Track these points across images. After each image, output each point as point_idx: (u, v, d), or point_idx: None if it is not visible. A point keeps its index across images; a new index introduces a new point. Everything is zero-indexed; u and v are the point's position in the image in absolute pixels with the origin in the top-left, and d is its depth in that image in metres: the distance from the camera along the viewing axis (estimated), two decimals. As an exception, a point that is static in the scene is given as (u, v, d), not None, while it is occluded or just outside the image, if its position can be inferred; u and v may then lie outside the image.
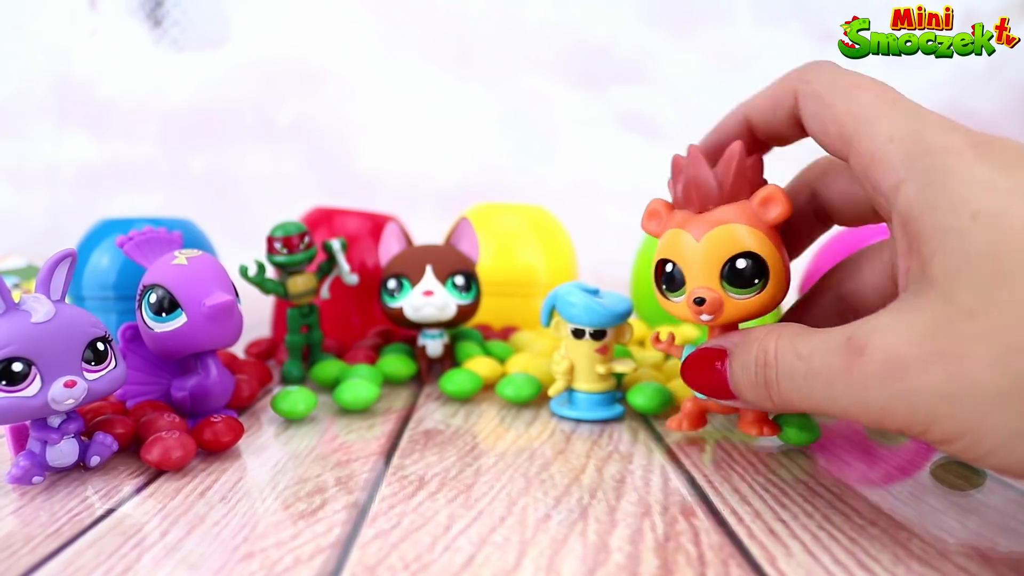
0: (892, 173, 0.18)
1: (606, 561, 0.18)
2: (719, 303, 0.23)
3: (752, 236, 0.23)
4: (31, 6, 1.03)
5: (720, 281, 0.23)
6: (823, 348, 0.19)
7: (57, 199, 1.04)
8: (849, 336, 0.18)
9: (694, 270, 0.24)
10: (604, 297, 0.31)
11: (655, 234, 0.26)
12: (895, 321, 0.18)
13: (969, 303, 0.16)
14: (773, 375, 0.21)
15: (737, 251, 0.23)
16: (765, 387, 0.21)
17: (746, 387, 0.22)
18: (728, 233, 0.23)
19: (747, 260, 0.23)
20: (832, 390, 0.19)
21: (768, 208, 0.23)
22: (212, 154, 1.06)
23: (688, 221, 0.24)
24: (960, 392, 0.16)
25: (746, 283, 0.23)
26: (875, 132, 0.19)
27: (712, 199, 0.24)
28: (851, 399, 0.18)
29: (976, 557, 0.19)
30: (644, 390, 0.32)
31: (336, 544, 0.19)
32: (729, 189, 0.23)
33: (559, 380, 0.32)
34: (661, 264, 0.25)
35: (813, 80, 0.22)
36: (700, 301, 0.23)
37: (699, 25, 1.03)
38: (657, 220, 0.26)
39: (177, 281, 0.27)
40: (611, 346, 0.31)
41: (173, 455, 0.24)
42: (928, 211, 0.17)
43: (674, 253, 0.24)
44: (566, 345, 0.32)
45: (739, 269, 0.23)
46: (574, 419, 0.32)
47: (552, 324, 0.32)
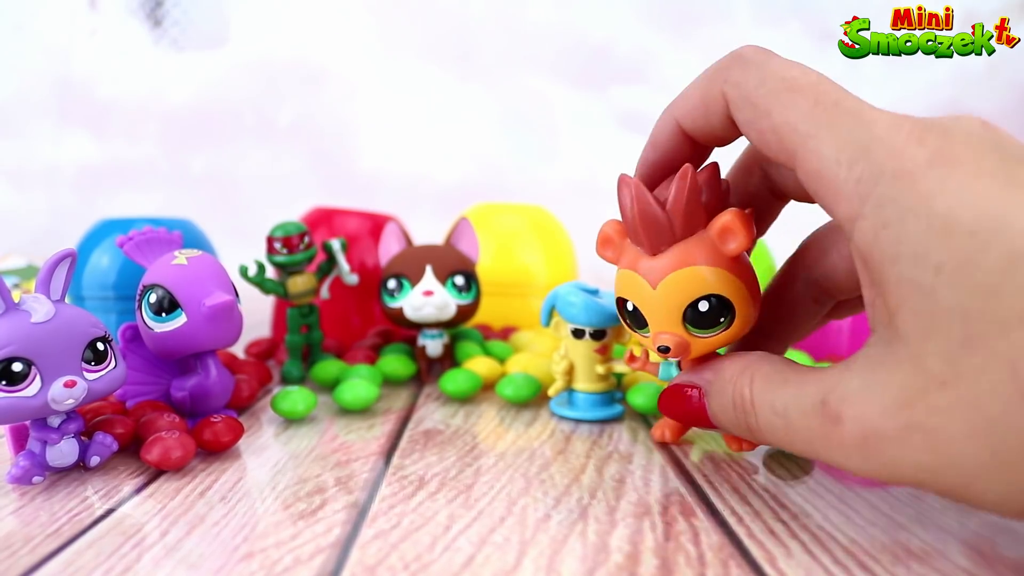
0: (846, 204, 0.17)
1: (606, 561, 0.18)
2: (684, 346, 0.22)
3: (713, 275, 0.21)
4: (31, 6, 1.03)
5: (683, 324, 0.22)
6: (798, 408, 0.19)
7: (57, 199, 1.04)
8: (823, 400, 0.18)
9: (654, 316, 0.22)
10: (604, 297, 0.31)
11: (611, 262, 0.24)
12: (868, 385, 0.17)
13: (940, 371, 0.15)
14: (753, 421, 0.21)
15: (697, 295, 0.21)
16: (747, 430, 0.21)
17: (727, 423, 0.22)
18: (686, 277, 0.21)
19: (709, 302, 0.21)
20: (813, 448, 0.19)
21: (726, 241, 0.21)
22: (212, 154, 1.06)
23: (640, 263, 0.22)
24: (941, 466, 0.16)
25: (711, 323, 0.22)
26: (820, 150, 0.17)
27: (664, 239, 0.22)
28: (834, 461, 0.18)
29: (976, 557, 0.19)
30: (644, 390, 0.32)
31: (336, 544, 0.19)
32: (681, 227, 0.21)
33: (559, 380, 0.32)
34: (622, 302, 0.24)
35: (741, 82, 0.19)
36: (665, 349, 0.22)
37: (699, 25, 1.03)
38: (612, 248, 0.24)
39: (177, 281, 0.27)
40: (611, 346, 0.31)
41: (173, 455, 0.24)
42: (889, 261, 0.16)
43: (632, 295, 0.23)
44: (566, 345, 0.32)
45: (701, 312, 0.22)
46: (574, 419, 0.32)
47: (552, 324, 0.32)
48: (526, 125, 1.07)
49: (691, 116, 0.22)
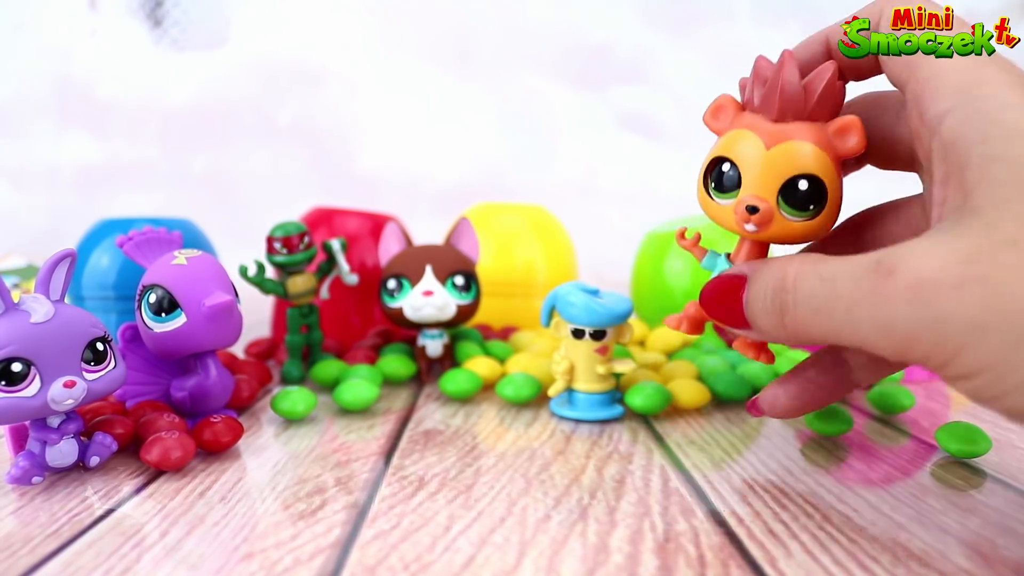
0: (942, 99, 0.18)
1: (606, 562, 0.18)
2: (770, 216, 0.22)
3: (820, 161, 0.22)
4: (31, 6, 1.03)
5: (776, 195, 0.22)
6: (849, 270, 0.18)
7: (57, 199, 1.04)
8: (879, 259, 0.18)
9: (753, 176, 0.22)
10: (604, 297, 0.31)
11: (716, 131, 0.24)
12: (931, 245, 0.17)
13: (1014, 233, 0.16)
14: (790, 299, 0.20)
15: (803, 171, 0.22)
16: (780, 312, 0.20)
17: (760, 313, 0.21)
18: (799, 150, 0.22)
19: (809, 182, 0.22)
20: (854, 313, 0.18)
21: (845, 138, 0.22)
22: (212, 154, 1.06)
23: (760, 125, 0.23)
24: (992, 322, 0.15)
25: (802, 205, 0.22)
26: (937, 60, 0.19)
27: (794, 110, 0.22)
28: (874, 323, 0.17)
29: (976, 557, 0.19)
30: (642, 390, 0.32)
31: (336, 544, 0.19)
32: (815, 104, 0.22)
33: (559, 380, 0.32)
34: (717, 162, 0.24)
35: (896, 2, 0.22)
36: (753, 209, 0.22)
37: (699, 25, 1.03)
38: (722, 116, 0.24)
39: (177, 281, 0.27)
40: (611, 346, 0.31)
41: (172, 455, 0.24)
42: (977, 140, 0.17)
43: (736, 154, 0.23)
44: (566, 345, 0.32)
45: (800, 189, 0.22)
46: (574, 419, 0.32)
47: (552, 324, 0.32)
48: (526, 125, 1.07)
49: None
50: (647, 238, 0.53)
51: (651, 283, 0.50)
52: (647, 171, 1.04)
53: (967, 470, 0.26)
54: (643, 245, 0.53)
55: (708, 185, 0.24)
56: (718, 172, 0.24)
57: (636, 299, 0.53)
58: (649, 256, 0.51)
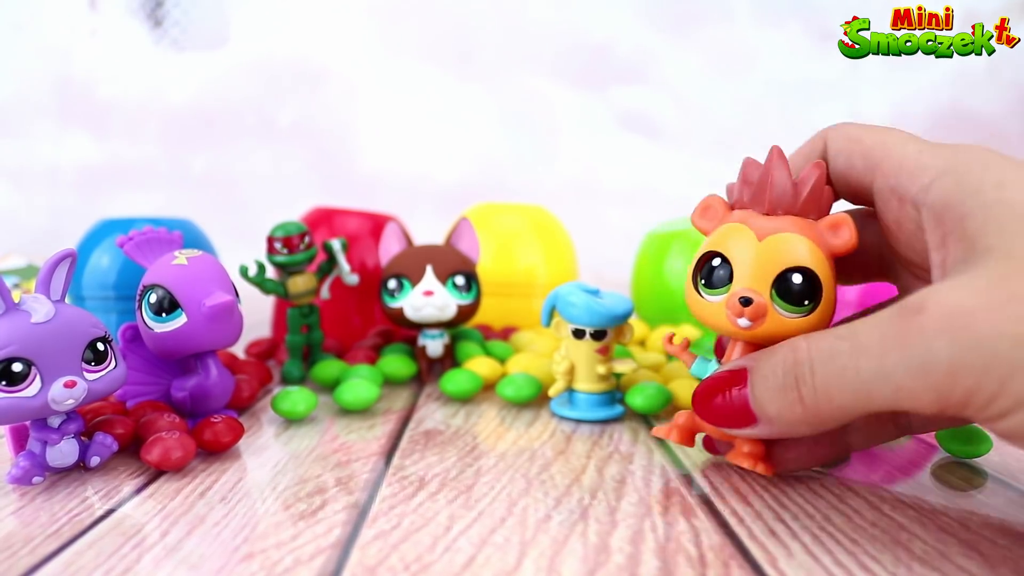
0: (924, 174, 0.19)
1: (607, 562, 0.18)
2: (763, 309, 0.21)
3: (814, 255, 0.22)
4: (31, 6, 1.03)
5: (770, 289, 0.22)
6: (869, 323, 0.18)
7: (57, 199, 1.04)
8: (901, 305, 0.17)
9: (745, 270, 0.22)
10: (604, 297, 0.31)
11: (704, 231, 0.24)
12: (954, 283, 0.16)
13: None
14: (806, 370, 0.19)
15: (796, 263, 0.21)
16: (795, 387, 0.19)
17: (770, 397, 0.20)
18: (791, 242, 0.22)
19: (803, 276, 0.21)
20: (885, 362, 0.17)
21: (837, 232, 0.22)
22: (212, 154, 1.06)
23: (751, 219, 0.22)
24: None
25: (797, 300, 0.21)
26: (905, 151, 0.20)
27: (785, 204, 0.22)
28: (910, 366, 0.16)
29: (976, 557, 0.19)
30: (643, 391, 0.32)
31: (336, 545, 0.19)
32: (805, 200, 0.22)
33: (559, 380, 0.32)
34: (707, 257, 0.23)
35: (843, 128, 0.23)
36: (746, 301, 0.21)
37: (699, 25, 1.03)
38: (711, 216, 0.24)
39: (177, 281, 0.27)
40: (611, 346, 0.31)
41: (173, 455, 0.24)
42: (971, 192, 0.18)
43: (727, 248, 0.22)
44: (566, 345, 0.32)
45: (794, 283, 0.21)
46: (574, 419, 0.32)
47: (552, 324, 0.32)
48: (526, 125, 1.07)
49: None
50: (647, 238, 0.53)
51: (651, 283, 0.50)
52: (647, 171, 1.04)
53: (967, 470, 0.26)
54: (643, 245, 0.54)
55: (698, 283, 0.23)
56: (708, 268, 0.23)
57: (636, 299, 0.53)
58: (649, 256, 0.51)
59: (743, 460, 0.24)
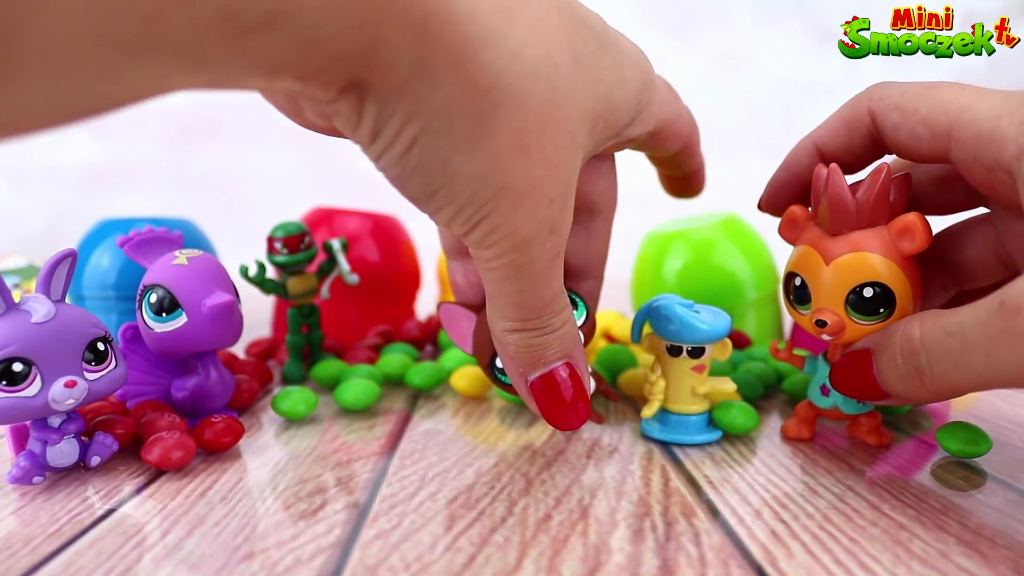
0: (1012, 144, 0.19)
1: (607, 562, 0.18)
2: (840, 327, 0.24)
3: (884, 266, 0.23)
4: (31, 6, 1.03)
5: (845, 306, 0.24)
6: (973, 319, 0.19)
7: (58, 199, 1.04)
8: (1001, 301, 0.18)
9: (820, 291, 0.24)
10: (701, 311, 0.28)
11: (790, 242, 0.26)
12: None
13: None
14: (923, 361, 0.20)
15: (865, 280, 0.23)
16: (917, 376, 0.21)
17: (896, 381, 0.22)
18: (859, 261, 0.23)
19: (874, 289, 0.23)
20: (994, 356, 0.18)
21: (904, 239, 0.23)
22: (212, 154, 1.06)
23: (821, 241, 0.24)
24: None
25: (870, 311, 0.23)
26: (976, 117, 0.20)
27: (849, 223, 0.23)
28: (1020, 359, 0.18)
29: (976, 557, 0.19)
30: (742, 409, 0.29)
31: (337, 544, 0.19)
32: (868, 215, 0.23)
33: (653, 401, 0.28)
34: (790, 276, 0.26)
35: (885, 96, 0.22)
36: (822, 324, 0.24)
37: (699, 25, 1.03)
38: (793, 228, 0.26)
39: (177, 281, 0.27)
40: (708, 364, 0.28)
41: (173, 455, 0.24)
42: None
43: (803, 270, 0.25)
44: (660, 363, 0.29)
45: (865, 298, 0.23)
46: (670, 443, 0.29)
47: (644, 340, 0.29)
48: (526, 125, 1.07)
49: (833, 137, 0.24)
50: (647, 238, 0.53)
51: (651, 283, 0.50)
52: (647, 171, 1.04)
53: (967, 470, 0.26)
54: (643, 245, 0.53)
55: (790, 298, 0.26)
56: (792, 287, 0.26)
57: (636, 299, 0.53)
58: (649, 256, 0.51)
59: (867, 436, 0.27)
